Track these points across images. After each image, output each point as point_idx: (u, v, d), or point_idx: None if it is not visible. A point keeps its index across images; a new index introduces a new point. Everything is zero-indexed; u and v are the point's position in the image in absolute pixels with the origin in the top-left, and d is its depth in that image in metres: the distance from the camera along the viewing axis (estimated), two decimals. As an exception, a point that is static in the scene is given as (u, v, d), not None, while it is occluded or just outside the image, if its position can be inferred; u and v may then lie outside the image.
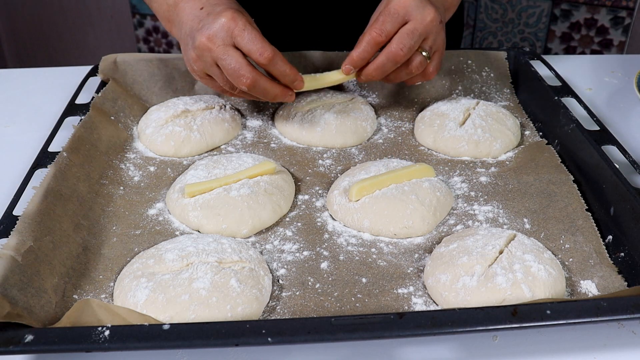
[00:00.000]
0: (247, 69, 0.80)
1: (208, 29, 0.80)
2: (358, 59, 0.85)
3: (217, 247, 0.67)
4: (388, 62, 0.84)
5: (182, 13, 0.85)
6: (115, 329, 0.53)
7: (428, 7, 0.84)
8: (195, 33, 0.81)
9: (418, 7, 0.83)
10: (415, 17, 0.83)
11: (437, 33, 0.86)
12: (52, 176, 0.73)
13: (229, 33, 0.79)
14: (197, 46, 0.81)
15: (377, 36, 0.83)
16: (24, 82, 1.13)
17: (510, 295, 0.62)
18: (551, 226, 0.75)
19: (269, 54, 0.79)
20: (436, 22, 0.84)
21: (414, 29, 0.83)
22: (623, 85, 1.12)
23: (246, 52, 0.80)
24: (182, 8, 0.86)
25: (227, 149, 0.92)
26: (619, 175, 0.74)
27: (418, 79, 0.91)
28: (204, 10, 0.83)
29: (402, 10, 0.83)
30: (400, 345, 0.60)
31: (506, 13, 2.12)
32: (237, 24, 0.79)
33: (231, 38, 0.80)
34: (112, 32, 2.56)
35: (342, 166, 0.88)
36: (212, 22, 0.80)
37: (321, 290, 0.66)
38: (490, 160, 0.89)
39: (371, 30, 0.84)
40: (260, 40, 0.80)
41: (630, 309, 0.55)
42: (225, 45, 0.79)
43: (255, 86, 0.81)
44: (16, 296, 0.58)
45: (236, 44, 0.80)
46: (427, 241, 0.74)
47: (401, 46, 0.83)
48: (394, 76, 0.89)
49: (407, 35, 0.83)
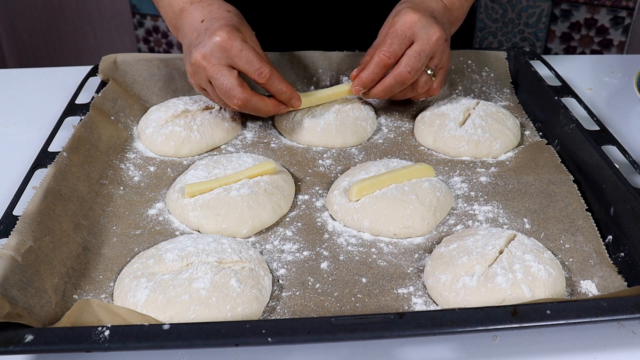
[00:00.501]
0: (239, 89, 0.81)
1: (203, 47, 0.81)
2: (367, 80, 0.88)
3: (217, 247, 0.67)
4: (396, 84, 0.87)
5: (185, 23, 0.87)
6: (115, 329, 0.53)
7: (434, 26, 0.85)
8: (192, 49, 0.83)
9: (424, 27, 0.84)
10: (421, 38, 0.84)
11: (443, 51, 0.87)
12: (52, 176, 0.73)
13: (225, 53, 0.81)
14: (192, 63, 0.82)
15: (386, 59, 0.85)
16: (24, 82, 1.13)
17: (510, 295, 0.62)
18: (551, 226, 0.75)
19: (267, 74, 0.82)
20: (442, 40, 0.85)
21: (422, 50, 0.84)
22: (623, 85, 1.12)
23: (244, 72, 0.82)
24: (185, 18, 0.87)
25: (227, 149, 0.92)
26: (619, 175, 0.74)
27: (422, 95, 0.93)
28: (204, 25, 0.84)
29: (408, 31, 0.85)
30: (400, 345, 0.60)
31: (506, 13, 2.12)
32: (234, 44, 0.80)
33: (227, 58, 0.81)
34: (112, 32, 2.56)
35: (342, 166, 0.88)
36: (208, 40, 0.81)
37: (321, 290, 0.66)
38: (490, 160, 0.89)
39: (380, 53, 0.85)
40: (257, 60, 0.81)
41: (630, 309, 0.55)
42: (220, 65, 0.81)
43: (246, 106, 0.83)
44: (16, 296, 0.58)
45: (233, 65, 0.81)
46: (427, 241, 0.74)
47: (409, 69, 0.84)
48: (400, 95, 0.91)
49: (414, 58, 0.84)
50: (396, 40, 0.85)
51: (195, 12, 0.86)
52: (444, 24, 0.88)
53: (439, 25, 0.85)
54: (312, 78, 1.05)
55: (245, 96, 0.82)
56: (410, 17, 0.85)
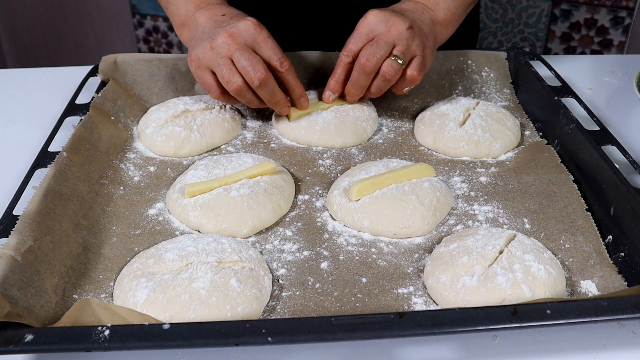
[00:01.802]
0: (264, 65, 0.84)
1: (232, 27, 0.85)
2: (335, 83, 0.92)
3: (217, 247, 0.67)
4: (360, 76, 0.88)
5: (200, 17, 0.90)
6: (115, 329, 0.53)
7: (393, 18, 0.87)
8: (217, 29, 0.86)
9: (381, 22, 0.87)
10: (380, 31, 0.87)
11: (409, 39, 0.87)
12: (52, 176, 0.73)
13: (252, 37, 0.85)
14: (215, 38, 0.84)
15: (344, 57, 0.89)
16: (24, 82, 1.13)
17: (510, 295, 0.62)
18: (551, 226, 0.75)
19: (288, 65, 0.87)
20: (403, 29, 0.86)
21: (378, 39, 0.87)
22: (623, 85, 1.12)
23: (267, 58, 0.86)
24: (202, 13, 0.91)
25: (227, 149, 0.92)
26: (619, 175, 0.74)
27: (403, 85, 0.91)
28: (226, 16, 0.89)
29: (365, 29, 0.88)
30: (400, 345, 0.60)
31: (506, 13, 2.12)
32: (262, 31, 0.86)
33: (254, 42, 0.85)
34: (112, 32, 2.56)
35: (342, 166, 0.88)
36: (238, 22, 0.85)
37: (321, 290, 0.66)
38: (490, 160, 0.89)
39: (340, 54, 0.89)
40: (281, 51, 0.87)
41: (630, 309, 0.55)
42: (246, 45, 0.84)
43: (266, 84, 0.85)
44: (16, 296, 0.58)
45: (257, 49, 0.85)
46: (427, 241, 0.74)
47: (366, 57, 0.86)
48: (375, 89, 0.90)
49: (370, 47, 0.86)
50: (353, 40, 0.88)
51: (215, 9, 0.91)
52: (416, 19, 0.90)
53: (400, 17, 0.87)
54: (312, 78, 1.05)
55: (268, 73, 0.85)
56: (369, 16, 0.88)
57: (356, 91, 0.91)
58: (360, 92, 0.91)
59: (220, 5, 0.92)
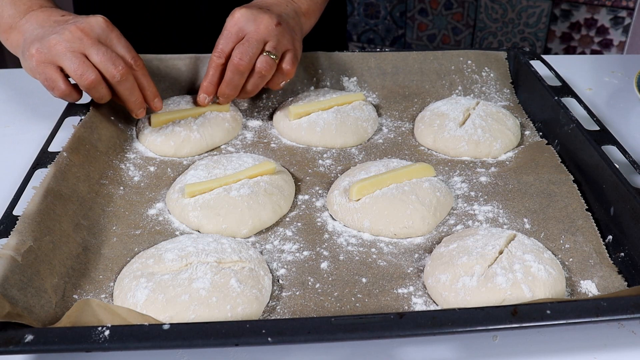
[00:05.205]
0: (123, 60, 0.82)
1: (83, 23, 0.82)
2: (208, 85, 0.91)
3: (217, 247, 0.67)
4: (234, 76, 0.88)
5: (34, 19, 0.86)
6: (115, 329, 0.53)
7: (260, 16, 0.88)
8: (64, 25, 0.82)
9: (249, 20, 0.87)
10: (248, 30, 0.87)
11: (279, 35, 0.88)
12: (52, 176, 0.73)
13: (105, 33, 0.83)
14: (63, 33, 0.81)
15: (216, 59, 0.88)
16: (24, 82, 1.12)
17: (510, 295, 0.62)
18: (551, 226, 0.75)
19: (142, 64, 0.84)
20: (272, 25, 0.87)
21: (248, 38, 0.87)
22: (623, 85, 1.12)
23: (120, 55, 0.83)
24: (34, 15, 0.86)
25: (227, 149, 0.92)
26: (619, 175, 0.74)
27: (279, 79, 0.92)
28: (67, 17, 0.85)
29: (233, 28, 0.88)
30: (400, 345, 0.60)
31: (506, 13, 2.12)
32: (114, 29, 0.83)
33: (106, 38, 0.83)
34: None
35: (342, 166, 0.88)
36: (87, 18, 0.83)
37: (321, 290, 0.66)
38: (490, 160, 0.89)
39: (212, 56, 0.89)
40: (133, 50, 0.84)
41: (630, 309, 0.55)
42: (99, 41, 0.82)
43: (127, 79, 0.82)
44: (16, 296, 0.58)
45: (109, 46, 0.82)
46: (427, 241, 0.74)
47: (239, 56, 0.86)
48: (251, 86, 0.90)
49: (242, 46, 0.86)
50: (223, 40, 0.88)
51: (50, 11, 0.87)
52: (282, 13, 0.91)
53: (267, 13, 0.88)
54: (312, 78, 1.05)
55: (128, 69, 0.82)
56: (236, 14, 0.88)
57: (231, 91, 0.90)
58: (235, 92, 0.90)
59: (55, 8, 0.88)
